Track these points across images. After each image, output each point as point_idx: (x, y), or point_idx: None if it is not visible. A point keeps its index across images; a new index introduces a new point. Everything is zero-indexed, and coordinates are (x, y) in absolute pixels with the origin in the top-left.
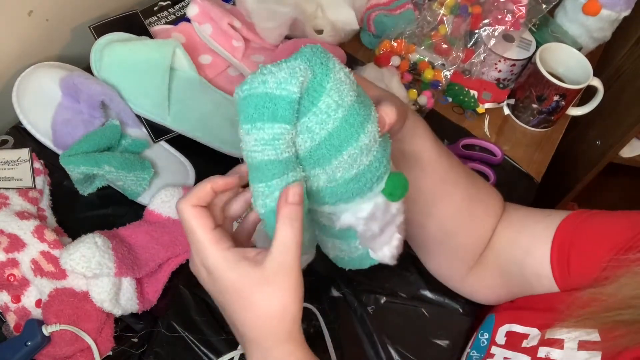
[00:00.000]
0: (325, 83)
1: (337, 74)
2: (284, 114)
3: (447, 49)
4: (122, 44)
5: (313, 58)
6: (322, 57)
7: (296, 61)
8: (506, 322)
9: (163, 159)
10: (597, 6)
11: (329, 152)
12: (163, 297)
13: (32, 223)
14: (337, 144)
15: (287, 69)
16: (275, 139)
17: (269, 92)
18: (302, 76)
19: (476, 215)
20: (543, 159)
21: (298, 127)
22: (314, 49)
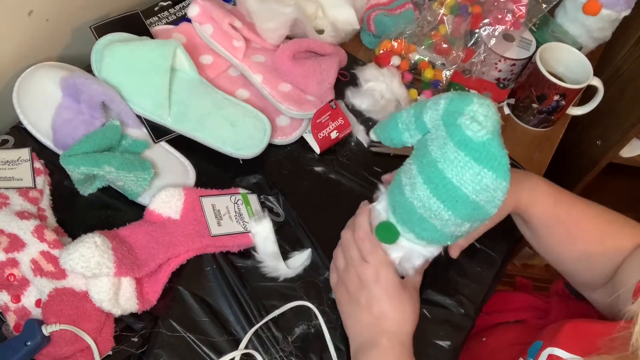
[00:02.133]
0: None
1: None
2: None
3: (447, 49)
4: (123, 44)
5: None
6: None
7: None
8: (550, 346)
9: (163, 159)
10: (597, 6)
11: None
12: (163, 297)
13: (32, 223)
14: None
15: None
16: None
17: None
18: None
19: (596, 261)
20: (543, 159)
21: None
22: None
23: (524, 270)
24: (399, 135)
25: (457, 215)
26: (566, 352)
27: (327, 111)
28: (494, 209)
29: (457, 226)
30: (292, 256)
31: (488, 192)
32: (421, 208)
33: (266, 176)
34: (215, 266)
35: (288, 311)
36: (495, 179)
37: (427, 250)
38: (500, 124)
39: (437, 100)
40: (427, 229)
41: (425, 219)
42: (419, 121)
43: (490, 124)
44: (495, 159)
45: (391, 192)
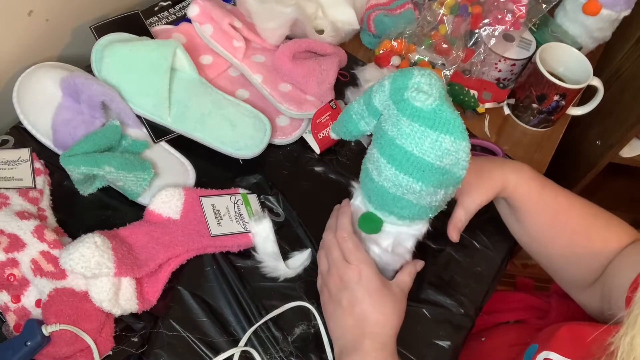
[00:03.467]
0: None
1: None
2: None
3: (447, 49)
4: (123, 44)
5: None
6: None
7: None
8: (546, 350)
9: (163, 159)
10: (597, 6)
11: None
12: (163, 297)
13: (32, 223)
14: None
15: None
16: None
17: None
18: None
19: (583, 255)
20: (543, 159)
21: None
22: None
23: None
24: (355, 126)
25: (427, 184)
26: (561, 356)
27: (327, 111)
28: (462, 170)
29: (432, 195)
30: (292, 256)
31: (450, 155)
32: (392, 187)
33: (266, 176)
34: (215, 266)
35: (288, 311)
36: (453, 141)
37: (413, 229)
38: (445, 89)
39: (382, 82)
40: (405, 207)
41: (399, 197)
42: (370, 107)
43: (436, 91)
44: (449, 121)
45: (362, 182)
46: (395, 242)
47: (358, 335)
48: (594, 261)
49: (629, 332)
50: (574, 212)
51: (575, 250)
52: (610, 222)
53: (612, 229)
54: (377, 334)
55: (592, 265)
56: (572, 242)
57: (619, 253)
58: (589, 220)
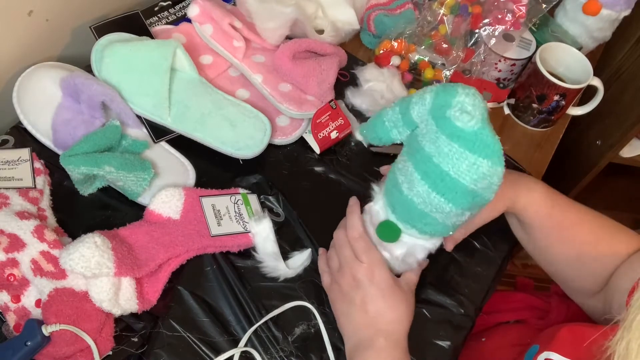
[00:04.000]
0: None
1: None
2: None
3: (447, 49)
4: (123, 44)
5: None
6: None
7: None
8: (547, 350)
9: (163, 159)
10: (597, 6)
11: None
12: (163, 297)
13: (32, 223)
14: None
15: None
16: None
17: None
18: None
19: (590, 266)
20: (543, 159)
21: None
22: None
23: (524, 270)
24: (386, 133)
25: (457, 206)
26: (562, 357)
27: (327, 111)
28: (492, 194)
29: (459, 216)
30: (292, 256)
31: (485, 179)
32: (421, 204)
33: (266, 176)
34: (215, 266)
35: (288, 311)
36: (491, 166)
37: (430, 243)
38: (488, 111)
39: (423, 95)
40: (430, 223)
41: (426, 214)
42: (406, 117)
43: (479, 113)
44: (489, 146)
45: (388, 191)
46: (408, 252)
47: (372, 332)
48: (601, 270)
49: (625, 337)
50: (583, 226)
51: (583, 261)
52: (618, 232)
53: (620, 238)
54: (390, 332)
55: (599, 274)
56: (580, 253)
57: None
58: (597, 232)
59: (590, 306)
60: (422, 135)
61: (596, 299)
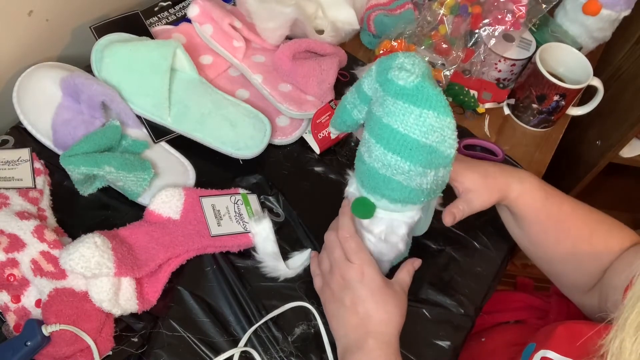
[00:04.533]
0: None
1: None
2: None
3: (447, 49)
4: (123, 44)
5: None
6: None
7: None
8: (543, 348)
9: (163, 159)
10: (597, 6)
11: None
12: (163, 298)
13: (32, 223)
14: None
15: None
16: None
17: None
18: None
19: (584, 260)
20: (543, 159)
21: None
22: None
23: (524, 270)
24: (349, 115)
25: (415, 163)
26: (558, 355)
27: (327, 111)
28: (450, 149)
29: (421, 176)
30: (292, 256)
31: (435, 131)
32: (382, 168)
33: (266, 176)
34: (215, 266)
35: (288, 311)
36: (437, 117)
37: (406, 216)
38: (429, 70)
39: (370, 68)
40: (395, 188)
41: (389, 178)
42: (360, 93)
43: (418, 69)
44: (431, 97)
45: (355, 167)
46: (388, 229)
47: (362, 334)
48: (595, 265)
49: (619, 335)
50: (577, 219)
51: (577, 256)
52: (613, 227)
53: (614, 233)
54: (381, 333)
55: (593, 270)
56: (575, 247)
57: (619, 255)
58: (591, 226)
59: (586, 304)
60: (373, 104)
61: (591, 296)
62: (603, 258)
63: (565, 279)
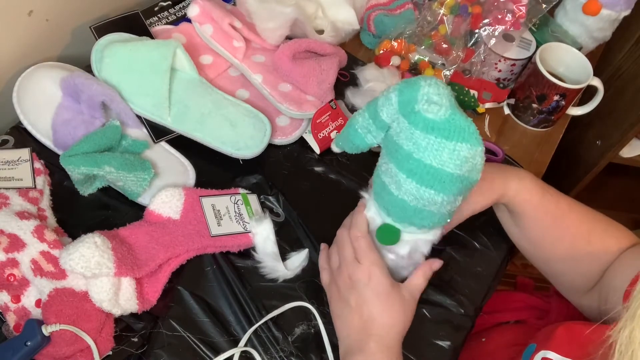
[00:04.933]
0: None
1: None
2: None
3: (447, 49)
4: (123, 44)
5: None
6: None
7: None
8: (543, 349)
9: (163, 159)
10: (597, 6)
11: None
12: (163, 298)
13: (32, 223)
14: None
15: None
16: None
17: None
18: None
19: (583, 260)
20: (543, 159)
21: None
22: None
23: (524, 270)
24: (361, 140)
25: (448, 194)
26: (559, 355)
27: (327, 111)
28: (478, 174)
29: (452, 203)
30: (289, 257)
31: (468, 162)
32: (413, 201)
33: (266, 176)
34: (215, 266)
35: (288, 311)
36: (470, 148)
37: (431, 234)
38: (453, 96)
39: (388, 95)
40: (426, 217)
41: (421, 210)
42: (377, 121)
43: (446, 100)
44: (464, 129)
45: (378, 195)
46: (412, 249)
47: (364, 336)
48: (593, 265)
49: (628, 326)
50: (575, 217)
51: (575, 255)
52: (610, 227)
53: (611, 233)
54: (383, 336)
55: (591, 269)
56: (573, 246)
57: (618, 257)
58: (589, 225)
59: (584, 305)
60: (397, 135)
61: (590, 297)
62: (601, 258)
63: (564, 280)
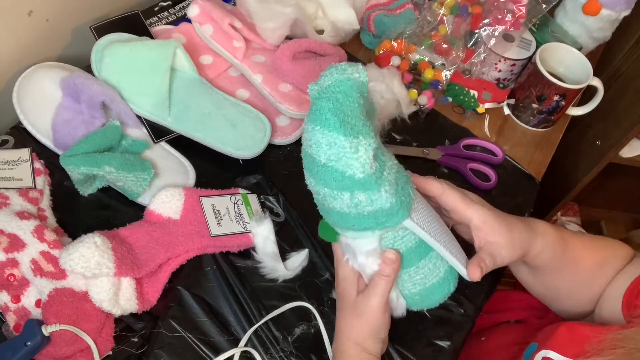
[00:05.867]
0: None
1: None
2: None
3: (447, 49)
4: (123, 44)
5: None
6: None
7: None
8: (544, 349)
9: (163, 159)
10: (597, 6)
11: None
12: (163, 298)
13: (32, 223)
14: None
15: None
16: None
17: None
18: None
19: (597, 290)
20: (543, 159)
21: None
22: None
23: None
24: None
25: (319, 183)
26: (560, 355)
27: None
28: (350, 168)
29: (334, 198)
30: (289, 257)
31: (330, 148)
32: (315, 195)
33: (266, 176)
34: (215, 266)
35: (288, 311)
36: (321, 131)
37: (356, 243)
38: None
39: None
40: (327, 213)
41: (321, 203)
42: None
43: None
44: (320, 114)
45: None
46: (350, 252)
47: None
48: (602, 292)
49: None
50: (589, 256)
51: (591, 289)
52: (615, 248)
53: (617, 254)
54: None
55: (592, 296)
56: (590, 282)
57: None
58: (600, 256)
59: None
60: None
61: (592, 318)
62: (599, 289)
63: (572, 311)
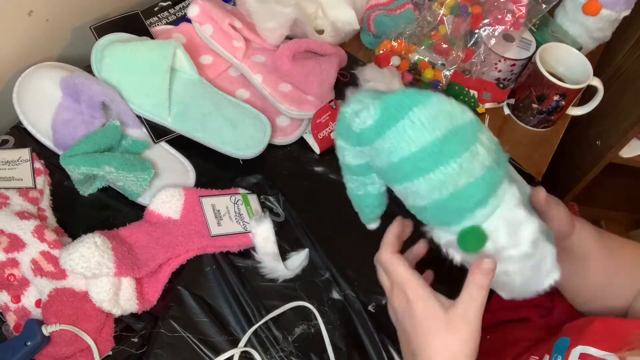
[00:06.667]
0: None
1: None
2: None
3: (447, 49)
4: (123, 44)
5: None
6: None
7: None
8: (580, 344)
9: (163, 159)
10: (597, 6)
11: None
12: (163, 298)
13: (32, 223)
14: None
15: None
16: None
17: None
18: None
19: (625, 284)
20: (543, 159)
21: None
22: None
23: None
24: (367, 197)
25: (455, 156)
26: (598, 350)
27: (327, 111)
28: (463, 113)
29: (472, 158)
30: (290, 257)
31: (438, 118)
32: (438, 193)
33: (266, 176)
34: (215, 266)
35: (288, 311)
36: (426, 107)
37: (508, 205)
38: (377, 92)
39: (337, 146)
40: (465, 194)
41: (454, 194)
42: (356, 171)
43: (369, 98)
44: (402, 100)
45: (423, 219)
46: (510, 232)
47: None
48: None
49: None
50: (626, 249)
51: (635, 281)
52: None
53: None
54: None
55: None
56: (633, 274)
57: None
58: (637, 250)
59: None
60: (374, 163)
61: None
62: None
63: (611, 307)
